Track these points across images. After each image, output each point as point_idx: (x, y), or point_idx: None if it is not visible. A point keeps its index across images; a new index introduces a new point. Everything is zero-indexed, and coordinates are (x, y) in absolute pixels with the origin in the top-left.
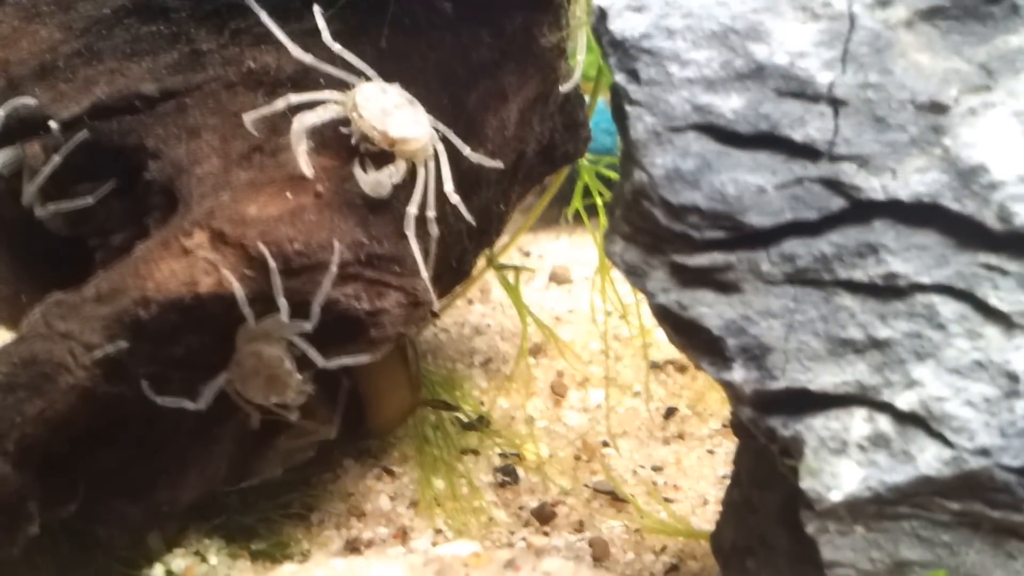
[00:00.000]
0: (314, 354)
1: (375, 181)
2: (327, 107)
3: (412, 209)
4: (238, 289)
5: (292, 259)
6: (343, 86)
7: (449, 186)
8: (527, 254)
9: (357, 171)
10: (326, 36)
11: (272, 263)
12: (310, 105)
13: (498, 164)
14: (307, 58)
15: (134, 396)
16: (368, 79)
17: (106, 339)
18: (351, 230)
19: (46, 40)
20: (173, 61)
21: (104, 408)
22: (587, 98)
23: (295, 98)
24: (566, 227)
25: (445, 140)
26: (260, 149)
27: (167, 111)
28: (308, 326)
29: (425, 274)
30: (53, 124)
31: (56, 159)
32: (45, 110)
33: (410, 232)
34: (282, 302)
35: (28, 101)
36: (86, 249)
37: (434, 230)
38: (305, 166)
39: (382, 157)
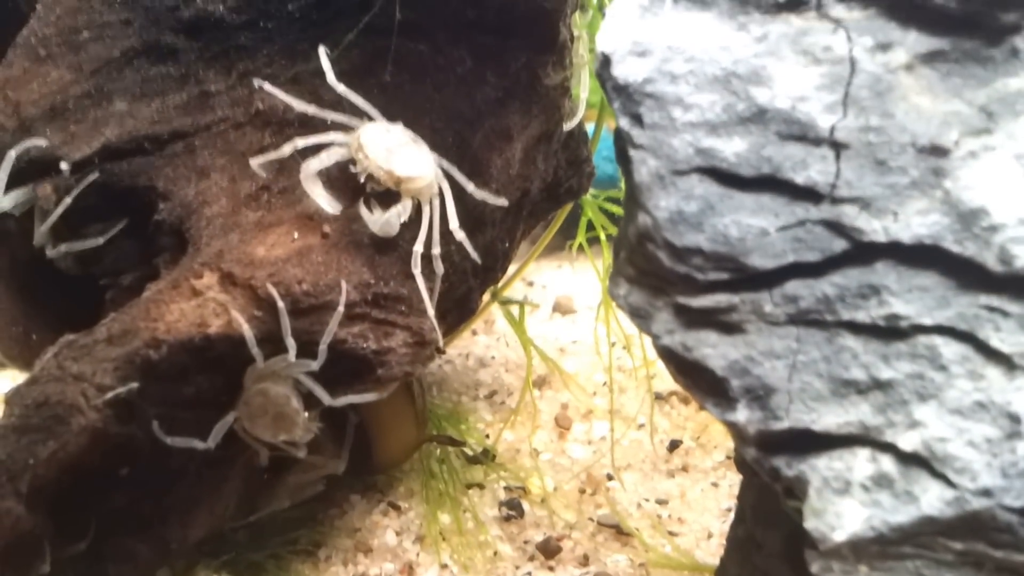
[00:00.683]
0: (321, 392)
1: (384, 221)
2: (331, 150)
3: (418, 247)
4: (247, 330)
5: (300, 300)
6: (350, 127)
7: (454, 223)
8: (531, 284)
9: (364, 212)
10: (331, 77)
11: (281, 304)
12: (316, 147)
13: (502, 201)
14: (310, 109)
15: (144, 436)
16: (372, 119)
17: (118, 380)
18: (358, 270)
19: (56, 81)
20: (182, 102)
21: (115, 448)
22: (591, 126)
23: (301, 142)
24: (569, 256)
25: (449, 178)
26: (268, 189)
27: (176, 152)
28: (315, 365)
29: (431, 312)
30: (64, 165)
31: (67, 200)
32: (56, 151)
33: (416, 270)
34: (290, 342)
35: (39, 142)
36: (97, 288)
37: (439, 268)
38: (327, 203)
39: (387, 196)
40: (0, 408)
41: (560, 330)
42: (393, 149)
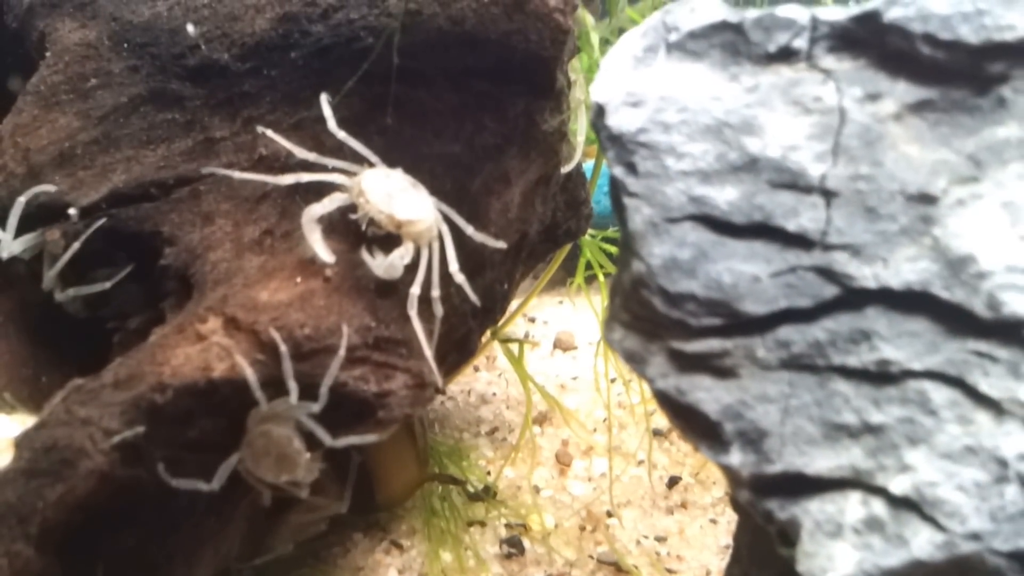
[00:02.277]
0: (322, 433)
1: (388, 264)
2: (333, 196)
3: (415, 290)
4: (250, 374)
5: (302, 344)
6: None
7: (454, 266)
8: (532, 320)
9: (366, 256)
10: (331, 124)
11: (283, 348)
12: (317, 192)
13: (501, 244)
14: (310, 156)
15: (151, 478)
16: (372, 165)
17: (124, 424)
18: (359, 314)
19: (65, 128)
20: (187, 148)
21: (122, 490)
22: (592, 163)
23: (306, 177)
24: (570, 291)
25: (449, 221)
26: (271, 234)
27: (182, 197)
28: (316, 408)
29: (429, 353)
30: (72, 211)
31: (75, 245)
32: (64, 197)
33: (413, 312)
34: (292, 385)
35: (48, 188)
36: (104, 331)
37: (438, 310)
38: (323, 252)
39: (387, 240)
40: (9, 452)
41: (561, 366)
42: (393, 194)
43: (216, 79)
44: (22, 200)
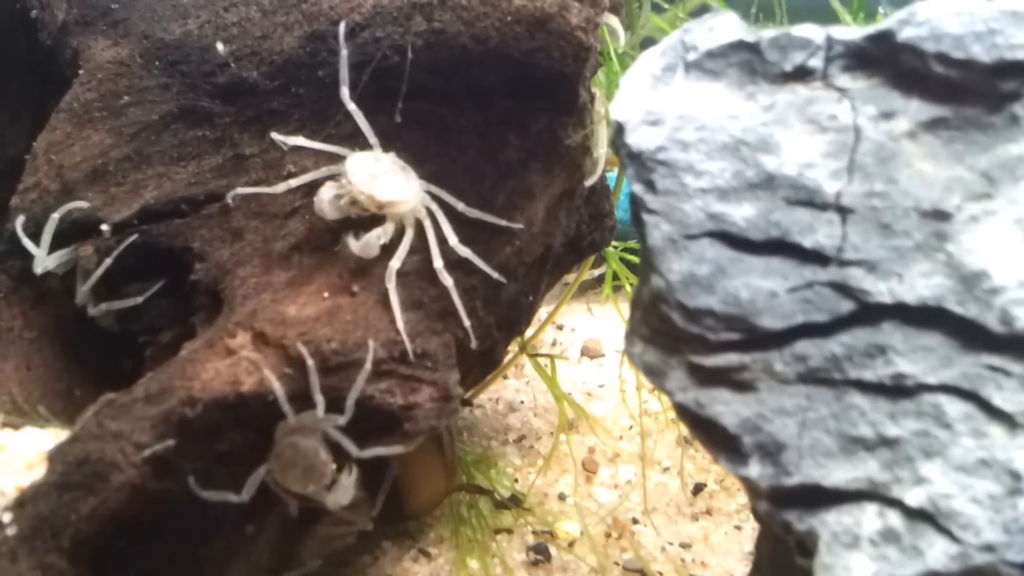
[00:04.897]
0: (349, 444)
1: (363, 243)
2: (328, 185)
3: (395, 263)
4: (279, 388)
5: (329, 358)
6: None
7: (453, 239)
8: (560, 327)
9: (348, 238)
10: (344, 92)
11: (311, 363)
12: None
13: (518, 226)
14: (299, 141)
15: (181, 490)
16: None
17: (155, 438)
18: (385, 328)
19: (97, 145)
20: (217, 165)
21: (153, 502)
22: (615, 172)
23: (295, 182)
24: (598, 298)
25: (478, 227)
26: (299, 249)
27: (212, 213)
28: (342, 420)
29: (402, 325)
30: (105, 227)
31: (108, 261)
32: (97, 213)
33: (391, 285)
34: (319, 399)
35: (81, 205)
36: (136, 345)
37: (446, 279)
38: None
39: (373, 221)
40: (42, 465)
41: (588, 374)
42: (377, 175)
43: (245, 97)
44: (56, 216)
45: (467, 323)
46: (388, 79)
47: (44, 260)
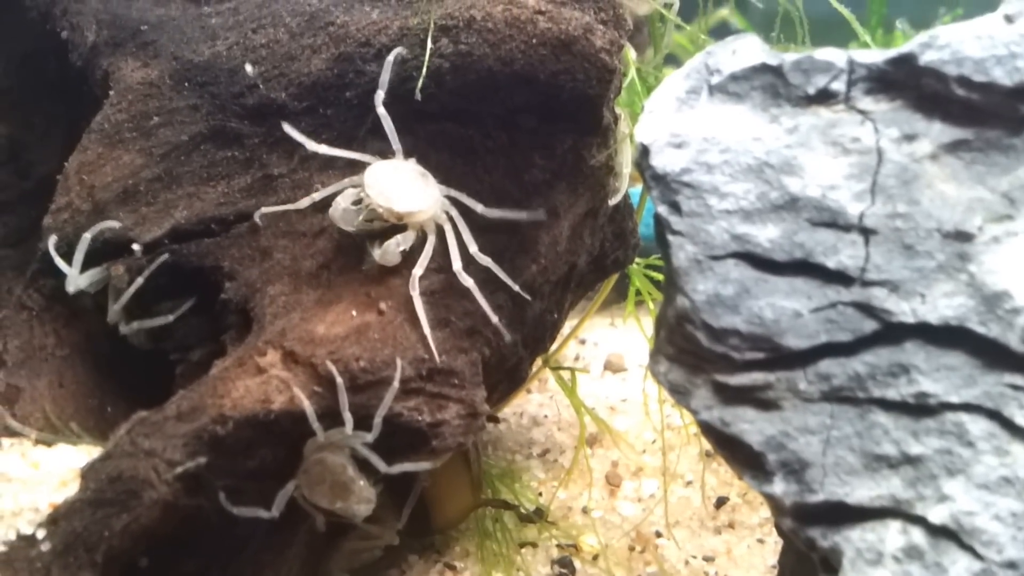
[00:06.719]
0: (377, 460)
1: (383, 251)
2: (345, 194)
3: (417, 271)
4: (308, 406)
5: (357, 376)
6: None
7: (473, 247)
8: (583, 342)
9: (370, 247)
10: (380, 96)
11: (339, 381)
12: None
13: (539, 215)
14: (320, 149)
15: (212, 506)
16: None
17: (187, 455)
18: (412, 346)
19: (128, 166)
20: (246, 185)
21: (185, 519)
22: (638, 188)
23: (318, 195)
24: (621, 312)
25: (503, 246)
26: (327, 268)
27: (241, 233)
28: (370, 437)
29: (429, 333)
30: (136, 246)
31: (139, 280)
32: (128, 233)
33: (415, 292)
34: (347, 417)
35: (113, 225)
36: (167, 363)
37: (467, 280)
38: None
39: (394, 231)
40: (76, 482)
41: (611, 388)
42: (395, 186)
43: (274, 118)
44: (88, 236)
45: (494, 319)
46: (414, 101)
47: (76, 279)
